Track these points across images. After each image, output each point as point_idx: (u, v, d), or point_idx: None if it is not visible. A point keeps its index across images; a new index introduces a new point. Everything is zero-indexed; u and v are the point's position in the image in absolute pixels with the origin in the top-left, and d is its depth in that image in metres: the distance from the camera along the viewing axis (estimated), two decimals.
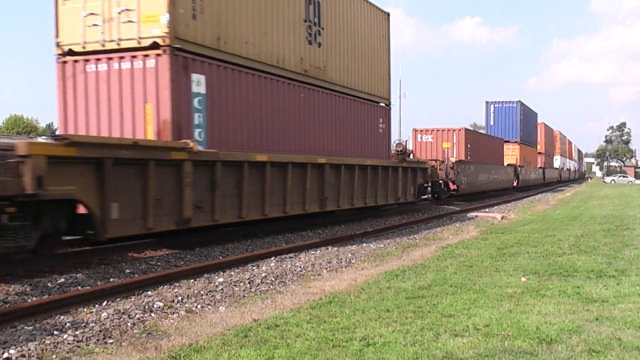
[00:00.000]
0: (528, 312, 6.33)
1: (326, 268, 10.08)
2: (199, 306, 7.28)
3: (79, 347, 5.66)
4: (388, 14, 19.82)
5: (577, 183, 72.65)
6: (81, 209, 9.10)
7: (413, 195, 21.52)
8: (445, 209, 23.43)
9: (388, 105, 19.90)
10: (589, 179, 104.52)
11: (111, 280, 8.72)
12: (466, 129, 30.63)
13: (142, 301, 7.45)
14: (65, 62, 11.47)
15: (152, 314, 6.87)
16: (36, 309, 6.74)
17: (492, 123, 41.22)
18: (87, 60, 11.30)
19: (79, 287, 8.21)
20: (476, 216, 20.59)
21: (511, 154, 40.38)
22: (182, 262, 10.38)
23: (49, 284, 8.28)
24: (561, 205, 26.77)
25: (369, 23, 18.34)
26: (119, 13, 10.89)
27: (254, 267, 10.03)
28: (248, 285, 8.56)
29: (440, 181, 26.19)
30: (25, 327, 6.22)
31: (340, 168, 15.72)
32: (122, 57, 11.01)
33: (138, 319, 6.65)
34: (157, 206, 9.86)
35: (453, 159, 27.34)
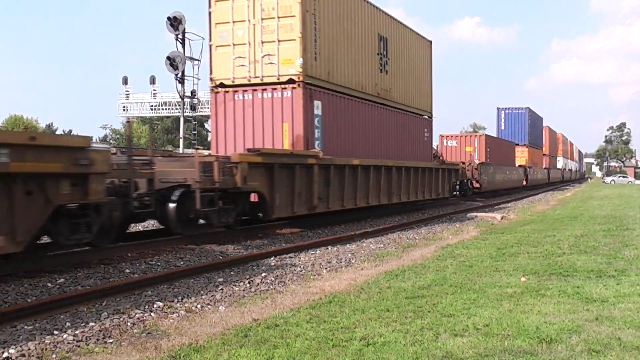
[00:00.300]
0: (528, 312, 6.33)
1: (326, 268, 10.08)
2: (198, 306, 7.28)
3: (78, 346, 5.66)
4: (430, 42, 24.17)
5: (577, 183, 74.17)
6: (253, 198, 13.18)
7: (448, 191, 25.94)
8: (468, 204, 26.98)
9: (430, 117, 24.16)
10: (589, 179, 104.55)
11: (111, 280, 8.73)
12: (486, 135, 35.61)
13: (142, 301, 7.45)
14: (217, 92, 15.41)
15: (152, 314, 6.87)
16: (36, 308, 6.74)
17: (502, 127, 45.63)
18: (235, 91, 15.28)
19: (79, 287, 8.22)
20: (476, 216, 20.59)
21: (520, 156, 44.36)
22: (182, 262, 10.38)
23: (49, 284, 8.29)
24: (561, 206, 26.78)
25: (418, 50, 22.78)
26: (262, 57, 14.90)
27: (253, 267, 10.03)
28: (248, 285, 8.56)
29: (466, 180, 30.55)
30: (25, 327, 6.23)
31: (401, 169, 20.04)
32: (264, 89, 15.01)
33: (138, 318, 6.65)
34: (299, 197, 14.16)
35: (477, 161, 31.92)
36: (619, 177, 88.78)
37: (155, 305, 7.20)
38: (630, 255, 10.16)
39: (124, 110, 51.62)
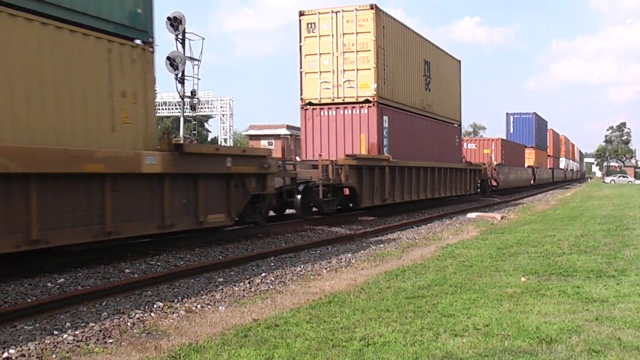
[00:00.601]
0: (528, 312, 6.32)
1: (326, 268, 10.08)
2: (198, 306, 7.28)
3: (78, 346, 5.66)
4: (459, 61, 28.66)
5: (577, 183, 75.20)
6: (346, 192, 17.21)
7: (473, 189, 30.36)
8: (488, 200, 31.13)
9: (459, 125, 28.90)
10: (589, 179, 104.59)
11: (111, 280, 8.73)
12: (502, 139, 40.03)
13: (142, 301, 7.45)
14: (307, 109, 19.38)
15: (152, 314, 6.87)
16: (36, 308, 6.75)
17: (511, 131, 50.27)
18: (321, 108, 19.28)
19: (79, 287, 8.22)
20: (476, 216, 20.59)
21: (529, 157, 48.66)
22: (181, 262, 10.39)
23: (49, 284, 8.29)
24: (561, 205, 26.78)
25: (450, 69, 27.17)
26: (344, 82, 18.98)
27: (253, 267, 10.03)
28: (248, 285, 8.57)
29: (487, 179, 34.38)
30: (25, 327, 6.23)
31: (441, 170, 24.37)
32: (345, 107, 19.10)
33: (138, 318, 6.66)
34: (376, 191, 18.64)
35: (495, 162, 36.21)
36: (619, 177, 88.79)
37: (155, 305, 7.21)
38: (630, 255, 10.16)
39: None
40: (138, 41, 10.14)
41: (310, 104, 19.28)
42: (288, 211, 17.84)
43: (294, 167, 15.96)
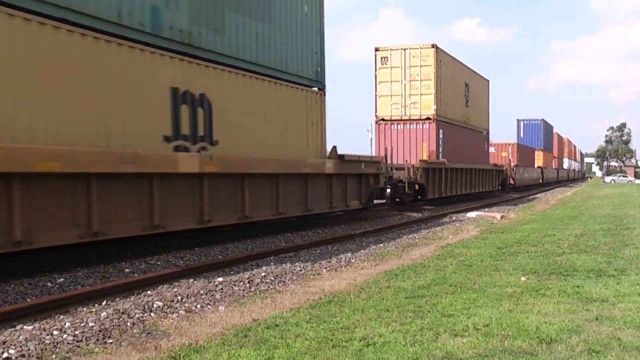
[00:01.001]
0: (528, 312, 6.32)
1: (326, 267, 10.08)
2: (198, 306, 7.28)
3: (78, 346, 5.65)
4: (488, 80, 34.70)
5: (578, 183, 76.29)
6: (417, 187, 22.99)
7: (497, 186, 36.80)
8: (508, 196, 36.47)
9: (487, 133, 34.49)
10: (589, 178, 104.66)
11: (111, 279, 8.73)
12: (517, 144, 45.28)
13: (142, 301, 7.45)
14: (380, 124, 25.07)
15: (152, 314, 6.87)
16: (36, 308, 6.74)
17: (522, 135, 56.10)
18: (392, 123, 24.88)
19: (79, 287, 8.22)
20: (476, 216, 20.58)
21: (537, 159, 54.44)
22: (181, 262, 10.38)
23: (49, 284, 8.29)
24: (561, 205, 26.78)
25: (482, 88, 33.28)
26: (410, 104, 24.61)
27: (253, 267, 10.03)
28: (247, 284, 8.56)
29: (507, 178, 39.84)
30: (25, 327, 6.23)
31: (477, 170, 30.63)
32: (411, 123, 24.66)
33: (138, 318, 6.65)
34: (436, 187, 24.36)
35: (513, 164, 41.51)
36: (619, 176, 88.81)
37: (155, 305, 7.20)
38: (630, 255, 10.16)
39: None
40: (316, 88, 15.65)
41: (382, 120, 25.11)
42: (376, 201, 21.43)
43: (391, 169, 21.30)
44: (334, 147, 16.17)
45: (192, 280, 8.79)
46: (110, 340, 5.85)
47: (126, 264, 9.90)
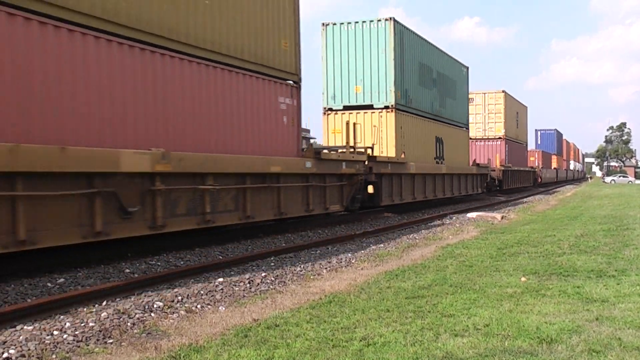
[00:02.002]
0: (528, 312, 6.32)
1: (326, 268, 10.07)
2: (198, 306, 7.28)
3: (78, 346, 5.65)
4: (526, 107, 47.70)
5: (578, 182, 78.34)
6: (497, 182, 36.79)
7: (531, 183, 47.68)
8: (539, 190, 47.15)
9: (526, 144, 45.70)
10: (589, 178, 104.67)
11: (111, 280, 8.72)
12: (542, 151, 59.17)
13: (142, 301, 7.44)
14: (471, 142, 33.50)
15: (152, 314, 6.87)
16: (36, 308, 6.74)
17: (539, 142, 68.31)
18: (477, 140, 37.85)
19: (79, 287, 8.21)
20: (476, 216, 20.59)
21: (553, 162, 67.36)
22: (182, 262, 10.38)
23: (49, 284, 8.29)
24: (561, 205, 26.77)
25: (522, 110, 46.61)
26: (488, 127, 38.19)
27: (253, 267, 10.03)
28: (248, 285, 8.56)
29: (536, 177, 51.66)
30: (25, 327, 6.22)
31: (523, 172, 43.00)
32: (488, 140, 38.27)
33: (138, 318, 6.65)
34: (509, 181, 38.17)
35: (540, 166, 54.62)
36: (619, 176, 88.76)
37: (155, 305, 7.20)
38: (630, 255, 10.15)
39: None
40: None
41: (471, 139, 32.87)
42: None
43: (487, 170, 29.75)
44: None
45: (192, 280, 8.79)
46: (111, 341, 5.85)
47: (126, 264, 9.90)
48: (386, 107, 20.61)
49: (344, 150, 17.11)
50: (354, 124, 18.00)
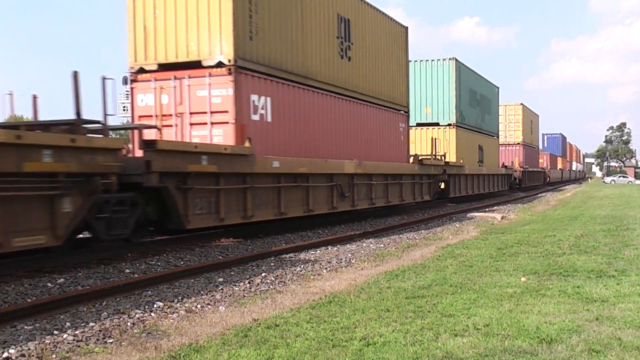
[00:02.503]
0: (528, 312, 6.32)
1: (326, 268, 10.07)
2: (198, 306, 7.28)
3: (78, 346, 5.65)
4: (538, 116, 54.80)
5: (578, 183, 78.56)
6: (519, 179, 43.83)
7: (542, 182, 51.65)
8: (547, 188, 50.93)
9: (522, 144, 46.06)
10: (589, 179, 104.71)
11: (111, 280, 8.72)
12: (550, 154, 64.14)
13: (142, 301, 7.45)
14: (500, 147, 41.06)
15: (152, 314, 6.87)
16: (36, 308, 6.74)
17: (545, 145, 71.39)
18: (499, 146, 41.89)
19: (79, 287, 8.21)
20: (476, 216, 20.60)
21: (559, 163, 73.83)
22: (182, 262, 10.38)
23: (49, 284, 8.29)
24: (561, 206, 26.77)
25: (534, 117, 53.53)
26: (508, 135, 45.27)
27: (253, 267, 10.03)
28: (248, 285, 8.56)
29: (545, 177, 56.80)
30: (25, 327, 6.23)
31: (533, 172, 47.91)
32: (509, 146, 45.15)
33: (138, 318, 6.65)
34: (527, 180, 46.32)
35: (548, 167, 60.03)
36: (619, 177, 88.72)
37: (155, 305, 7.20)
38: (630, 255, 10.16)
39: (123, 110, 52.11)
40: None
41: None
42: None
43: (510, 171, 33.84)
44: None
45: (192, 280, 8.78)
46: (111, 340, 5.85)
47: (126, 264, 9.90)
48: (449, 125, 27.93)
49: (430, 157, 23.53)
50: (435, 139, 24.81)
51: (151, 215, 10.66)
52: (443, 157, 24.98)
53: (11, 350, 5.45)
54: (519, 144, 44.94)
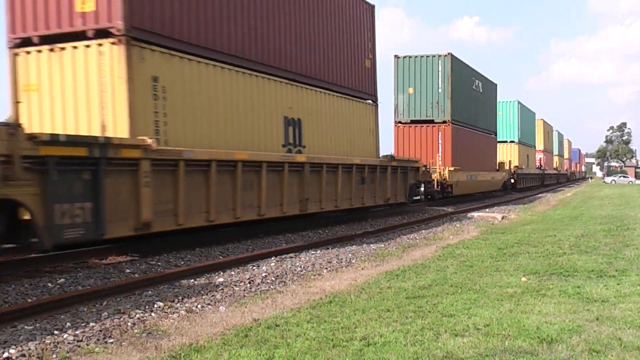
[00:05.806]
0: (528, 312, 6.32)
1: (326, 268, 10.07)
2: (199, 306, 7.28)
3: (79, 346, 5.65)
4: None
5: (578, 183, 77.81)
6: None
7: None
8: (551, 187, 51.52)
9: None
10: (590, 179, 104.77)
11: (111, 280, 8.73)
12: (558, 155, 68.49)
13: (142, 301, 7.45)
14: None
15: (152, 314, 6.87)
16: (36, 308, 6.74)
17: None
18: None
19: (79, 287, 8.21)
20: (477, 216, 20.59)
21: (563, 164, 78.57)
22: (182, 262, 10.38)
23: (49, 284, 8.29)
24: (561, 206, 26.76)
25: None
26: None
27: (254, 267, 10.03)
28: (248, 285, 8.56)
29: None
30: (26, 327, 6.23)
31: (547, 174, 58.24)
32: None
33: (138, 318, 6.65)
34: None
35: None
36: (620, 177, 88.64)
37: (155, 305, 7.20)
38: (630, 255, 10.16)
39: None
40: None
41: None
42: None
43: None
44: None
45: (192, 280, 8.78)
46: (111, 340, 5.85)
47: (126, 264, 9.90)
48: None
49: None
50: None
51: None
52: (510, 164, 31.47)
53: (11, 350, 5.45)
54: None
